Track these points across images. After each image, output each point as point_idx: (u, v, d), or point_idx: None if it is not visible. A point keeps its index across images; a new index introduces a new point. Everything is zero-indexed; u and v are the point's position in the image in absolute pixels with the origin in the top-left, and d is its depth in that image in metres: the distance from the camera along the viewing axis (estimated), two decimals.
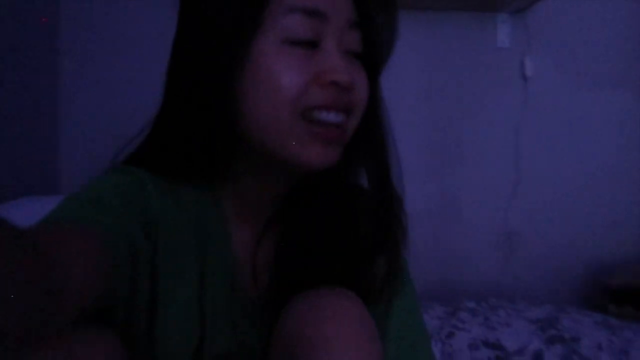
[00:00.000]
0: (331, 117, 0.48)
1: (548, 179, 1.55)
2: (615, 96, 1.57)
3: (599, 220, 1.55)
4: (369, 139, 0.54)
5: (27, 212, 0.55)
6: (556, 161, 1.55)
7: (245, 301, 0.54)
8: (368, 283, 0.52)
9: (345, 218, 0.55)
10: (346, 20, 0.48)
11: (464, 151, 1.54)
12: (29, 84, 1.23)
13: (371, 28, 0.51)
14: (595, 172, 1.56)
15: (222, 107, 0.48)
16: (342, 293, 0.47)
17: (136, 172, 0.50)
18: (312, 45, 0.48)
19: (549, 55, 1.54)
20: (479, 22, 1.52)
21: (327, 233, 0.54)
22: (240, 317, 0.53)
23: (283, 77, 0.46)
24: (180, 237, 0.50)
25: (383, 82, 0.55)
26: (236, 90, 0.47)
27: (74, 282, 0.32)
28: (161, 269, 0.48)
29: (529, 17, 1.52)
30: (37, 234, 0.34)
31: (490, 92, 1.54)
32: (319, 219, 0.54)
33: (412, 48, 1.50)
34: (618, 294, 1.40)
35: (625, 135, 1.58)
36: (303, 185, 0.56)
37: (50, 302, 0.29)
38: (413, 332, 0.58)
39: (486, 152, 1.55)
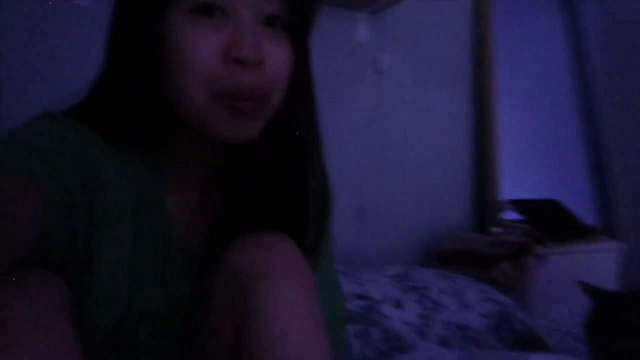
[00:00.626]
0: (240, 103, 0.48)
1: (396, 162, 1.78)
2: (449, 93, 1.87)
3: (433, 197, 1.84)
4: (295, 112, 0.55)
5: None
6: (403, 147, 1.79)
7: (178, 258, 0.56)
8: (300, 240, 0.55)
9: (279, 180, 0.56)
10: None
11: (326, 136, 1.68)
12: None
13: None
14: (433, 157, 1.84)
15: (147, 77, 0.48)
16: (282, 235, 0.52)
17: (74, 122, 0.49)
18: (224, 13, 0.47)
19: (400, 54, 1.77)
20: (343, 18, 1.67)
21: (263, 194, 0.56)
22: (173, 273, 0.55)
23: (191, 51, 0.46)
24: (119, 194, 0.51)
25: None
26: (159, 59, 0.48)
27: (10, 230, 0.33)
28: (97, 222, 0.49)
29: (386, 17, 1.73)
30: None
31: (350, 83, 1.71)
32: (254, 182, 0.57)
33: None
34: (446, 256, 1.70)
35: (455, 126, 1.90)
36: (240, 151, 0.57)
37: None
38: (333, 287, 0.65)
39: (345, 138, 1.71)
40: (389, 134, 1.76)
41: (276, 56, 0.49)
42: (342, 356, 0.63)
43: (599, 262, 1.49)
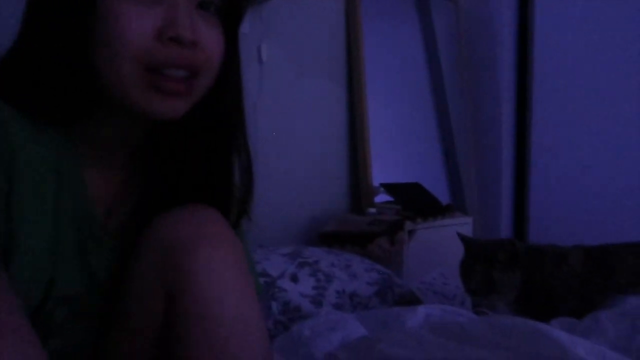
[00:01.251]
0: (172, 72, 0.48)
1: (280, 149, 1.85)
2: (325, 84, 1.99)
3: (314, 182, 1.95)
4: (223, 96, 0.56)
5: None
6: (286, 135, 1.87)
7: (100, 239, 0.55)
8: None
9: (204, 159, 0.57)
10: None
11: None
12: None
13: None
14: (315, 144, 1.95)
15: (72, 46, 0.47)
16: (208, 206, 0.54)
17: None
18: None
19: (280, 45, 1.83)
20: None
21: (188, 172, 0.57)
22: (94, 254, 0.54)
23: (124, 25, 0.46)
24: (38, 175, 0.49)
25: None
26: (90, 34, 0.47)
27: None
28: (17, 205, 0.46)
29: (264, 9, 1.78)
30: None
31: None
32: (179, 160, 0.57)
33: None
34: (329, 237, 1.82)
35: (332, 116, 2.03)
36: (165, 128, 0.57)
37: None
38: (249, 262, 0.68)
39: None
40: (273, 120, 1.82)
41: (208, 39, 0.50)
42: None
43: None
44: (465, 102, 2.33)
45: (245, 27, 1.73)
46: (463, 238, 1.08)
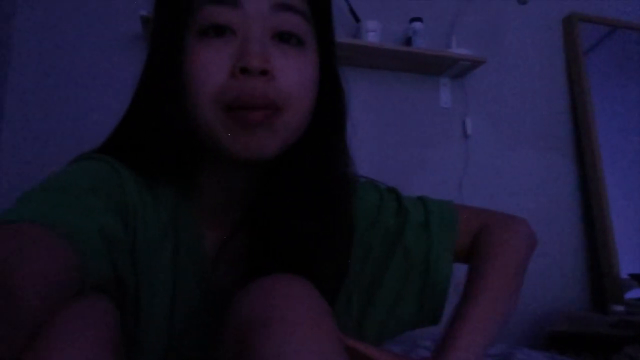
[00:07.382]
0: (248, 106, 0.46)
1: None
2: (544, 155, 1.73)
3: (539, 271, 1.64)
4: (321, 132, 0.51)
5: None
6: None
7: (215, 300, 0.52)
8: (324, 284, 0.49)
9: (312, 216, 0.52)
10: (267, 3, 0.47)
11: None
12: None
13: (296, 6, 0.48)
14: (536, 225, 1.66)
15: (170, 105, 0.47)
16: (293, 277, 0.44)
17: (107, 158, 0.47)
18: (232, 32, 0.46)
19: (485, 117, 1.69)
20: (424, 84, 1.66)
21: (293, 227, 0.51)
22: (210, 316, 0.51)
23: (200, 71, 0.45)
24: (157, 232, 0.48)
25: None
26: (179, 86, 0.47)
27: (31, 287, 0.30)
28: (141, 263, 0.46)
29: (466, 81, 1.68)
30: None
31: (436, 147, 1.65)
32: (286, 218, 0.52)
33: (366, 104, 1.59)
34: (558, 338, 1.45)
35: (558, 191, 1.72)
36: (271, 187, 0.54)
37: (5, 309, 0.28)
38: None
39: None
40: (480, 196, 1.64)
41: (288, 69, 0.47)
42: None
43: None
44: None
45: (447, 103, 1.67)
46: None
